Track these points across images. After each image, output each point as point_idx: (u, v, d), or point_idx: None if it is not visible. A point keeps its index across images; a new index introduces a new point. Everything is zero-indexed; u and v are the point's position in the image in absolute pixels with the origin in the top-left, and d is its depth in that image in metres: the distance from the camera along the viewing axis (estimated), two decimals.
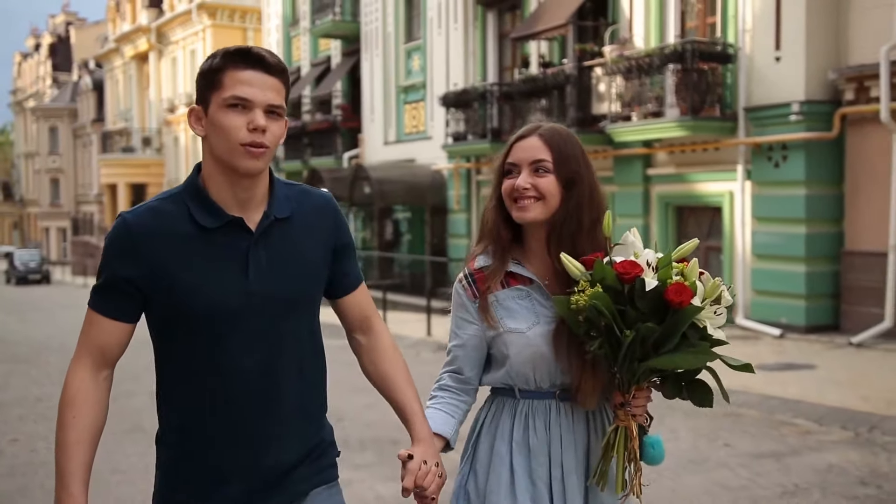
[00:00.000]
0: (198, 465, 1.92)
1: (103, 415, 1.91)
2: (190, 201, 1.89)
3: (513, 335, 2.09)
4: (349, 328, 2.15)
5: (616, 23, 14.54)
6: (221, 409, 1.91)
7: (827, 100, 11.56)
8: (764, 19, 11.91)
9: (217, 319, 1.88)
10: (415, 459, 1.96)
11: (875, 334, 10.79)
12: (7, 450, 6.79)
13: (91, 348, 1.90)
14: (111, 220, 41.38)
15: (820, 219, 11.69)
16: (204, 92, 1.87)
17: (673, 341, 1.92)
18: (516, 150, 2.13)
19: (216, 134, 1.85)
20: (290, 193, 2.00)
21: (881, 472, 5.59)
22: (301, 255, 1.97)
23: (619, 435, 2.03)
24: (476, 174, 18.37)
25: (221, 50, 1.88)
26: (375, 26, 21.64)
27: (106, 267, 1.89)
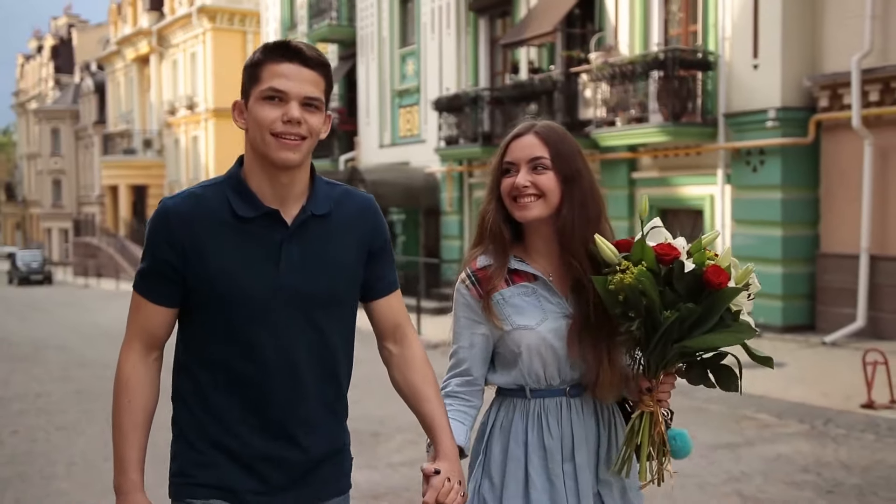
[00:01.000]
0: (219, 450, 1.93)
1: (155, 396, 1.94)
2: (229, 191, 1.93)
3: (522, 332, 2.08)
4: (381, 335, 2.12)
5: (602, 30, 14.91)
6: (243, 393, 1.92)
7: (802, 106, 11.93)
8: (742, 28, 12.28)
9: (245, 307, 1.89)
10: (440, 476, 1.95)
11: (847, 334, 11.15)
12: (8, 440, 7.18)
13: (139, 332, 1.94)
14: (112, 222, 41.87)
15: (796, 222, 12.05)
16: (246, 86, 1.91)
17: (710, 322, 1.92)
18: (513, 149, 2.13)
19: (253, 126, 1.88)
20: (332, 192, 2.01)
21: (825, 461, 5.97)
22: (335, 253, 1.97)
23: (644, 421, 2.02)
24: (468, 177, 18.74)
25: (264, 44, 1.93)
26: (371, 31, 22.02)
27: (147, 251, 1.93)
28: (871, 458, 6.04)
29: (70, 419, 8.01)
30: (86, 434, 7.34)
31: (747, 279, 1.97)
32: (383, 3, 21.55)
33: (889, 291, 11.12)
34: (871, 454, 6.14)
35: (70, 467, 6.26)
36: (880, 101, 11.11)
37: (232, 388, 1.92)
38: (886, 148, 11.12)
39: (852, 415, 7.22)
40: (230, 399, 1.92)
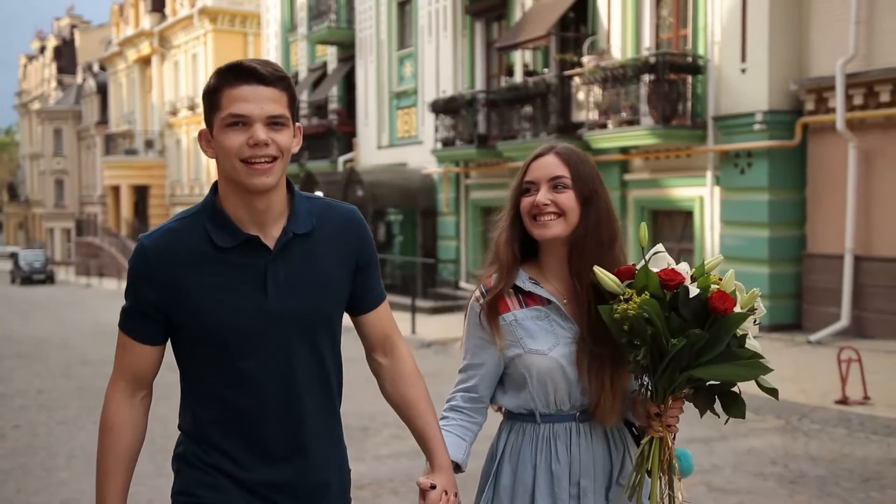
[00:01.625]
0: (226, 476, 1.91)
1: (141, 437, 1.93)
2: (206, 221, 1.88)
3: (534, 356, 2.09)
4: (370, 347, 2.11)
5: (595, 34, 15.14)
6: (247, 429, 1.90)
7: (789, 110, 12.15)
8: (731, 33, 12.50)
9: (236, 340, 1.86)
10: (437, 490, 1.97)
11: (832, 332, 11.37)
12: (10, 434, 7.43)
13: (125, 372, 1.91)
14: (114, 222, 42.13)
15: (782, 223, 12.28)
16: (207, 114, 1.87)
17: (717, 349, 1.91)
18: (533, 169, 2.14)
19: (221, 155, 1.84)
20: (312, 208, 1.96)
21: (793, 454, 6.20)
22: (322, 271, 1.93)
23: (653, 446, 2.02)
24: (465, 178, 18.98)
25: (216, 70, 1.88)
26: (369, 33, 22.27)
27: (129, 290, 1.90)
28: (839, 451, 6.27)
29: (70, 414, 8.27)
30: (85, 429, 7.59)
31: (752, 303, 1.98)
32: (381, 6, 21.81)
33: (873, 291, 11.35)
34: (839, 447, 6.38)
35: (70, 459, 6.52)
36: (864, 105, 11.33)
37: (231, 418, 1.90)
38: (870, 151, 11.34)
39: (826, 410, 7.46)
40: (229, 430, 1.90)
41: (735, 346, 1.93)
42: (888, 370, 9.14)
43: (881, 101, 11.14)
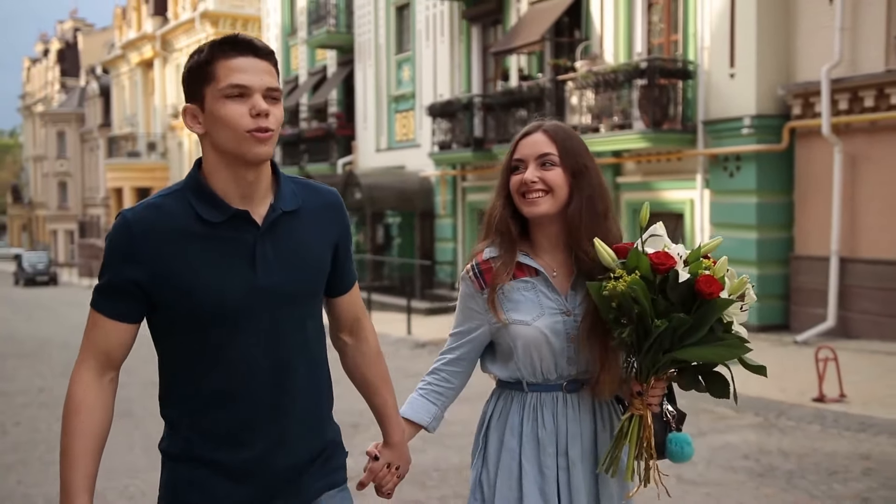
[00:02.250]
0: (208, 467, 1.87)
1: (108, 420, 1.86)
2: (192, 197, 1.85)
3: (518, 326, 2.13)
4: (338, 328, 2.14)
5: (588, 39, 15.38)
6: (232, 407, 1.87)
7: (777, 114, 12.38)
8: (720, 38, 12.73)
9: (226, 316, 1.84)
10: (380, 461, 2.11)
11: (818, 333, 11.59)
12: (12, 430, 7.68)
13: (95, 351, 1.85)
14: None
15: (770, 225, 12.49)
16: (196, 87, 1.83)
17: (700, 333, 1.94)
18: (522, 147, 2.18)
19: (219, 127, 1.80)
20: (296, 188, 1.97)
21: (766, 449, 6.42)
22: (307, 249, 1.94)
23: (633, 424, 2.06)
24: (462, 181, 19.22)
25: (206, 43, 1.85)
26: (368, 38, 22.52)
27: (108, 267, 1.84)
28: (810, 446, 6.49)
29: None
30: None
31: (742, 290, 1.99)
32: (380, 11, 22.06)
33: (857, 292, 11.57)
34: (810, 443, 6.60)
35: None
36: (849, 110, 11.55)
37: (219, 402, 1.87)
38: (855, 155, 11.56)
39: (803, 408, 7.68)
40: (217, 414, 1.87)
41: (720, 332, 1.96)
42: (867, 370, 9.37)
43: (865, 106, 11.36)
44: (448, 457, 6.31)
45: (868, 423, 7.08)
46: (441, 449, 6.59)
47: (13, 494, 5.67)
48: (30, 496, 5.62)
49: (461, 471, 5.89)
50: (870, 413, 7.36)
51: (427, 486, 5.54)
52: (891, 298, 11.19)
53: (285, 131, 25.76)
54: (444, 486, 5.55)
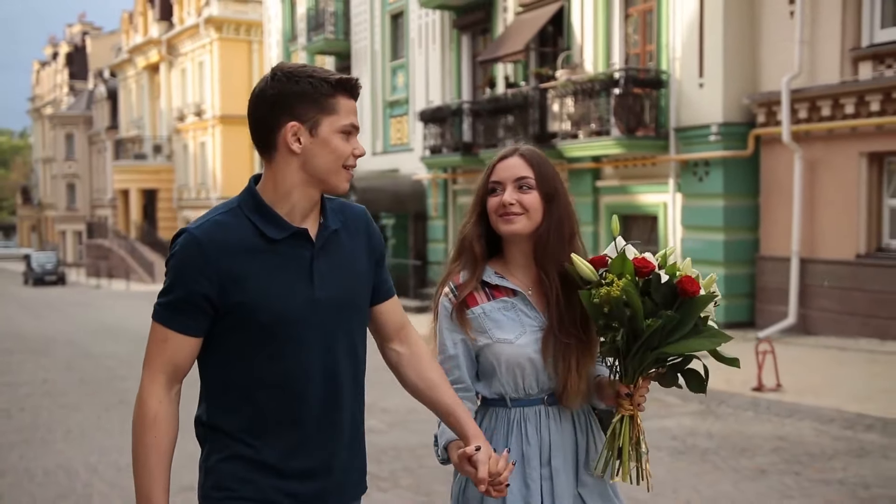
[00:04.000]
0: (257, 465, 1.94)
1: (176, 430, 1.94)
2: (251, 214, 1.95)
3: (502, 345, 2.21)
4: (386, 337, 2.19)
5: (569, 49, 16.04)
6: (284, 415, 1.95)
7: (742, 122, 13.02)
8: (690, 49, 13.37)
9: (284, 327, 1.93)
10: (483, 451, 2.04)
11: (779, 329, 12.23)
12: (16, 415, 8.41)
13: (165, 366, 1.92)
14: (124, 224, 43.20)
15: (737, 227, 13.14)
16: (310, 112, 1.92)
17: (686, 328, 2.06)
18: (499, 170, 2.27)
19: (323, 154, 1.93)
20: (335, 207, 2.08)
21: (697, 432, 7.08)
22: (353, 263, 2.05)
23: (623, 424, 2.15)
24: (452, 184, 19.90)
25: (321, 73, 1.95)
26: (364, 44, 23.23)
27: (179, 283, 1.91)
28: (736, 429, 7.15)
29: (70, 400, 9.23)
30: (83, 411, 8.56)
31: (711, 287, 2.13)
32: (375, 19, 22.77)
33: (816, 291, 12.21)
34: (738, 427, 7.26)
35: (67, 434, 7.49)
36: (808, 118, 12.19)
37: (274, 410, 1.94)
38: (814, 161, 12.20)
39: (742, 397, 8.33)
40: (271, 421, 1.95)
41: (701, 326, 2.10)
42: (814, 363, 10.03)
43: (823, 115, 12.00)
44: (407, 438, 6.98)
45: (796, 409, 7.73)
46: (403, 431, 7.27)
47: (16, 468, 6.38)
48: (30, 469, 6.33)
49: (415, 450, 6.56)
50: (800, 401, 8.01)
51: (381, 461, 6.20)
52: (846, 297, 11.83)
53: None
54: (396, 462, 6.22)
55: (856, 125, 11.58)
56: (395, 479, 5.81)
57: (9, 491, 5.78)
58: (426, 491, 5.56)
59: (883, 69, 11.38)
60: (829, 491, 5.35)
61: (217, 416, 1.98)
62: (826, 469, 5.86)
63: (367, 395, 2.21)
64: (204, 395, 2.02)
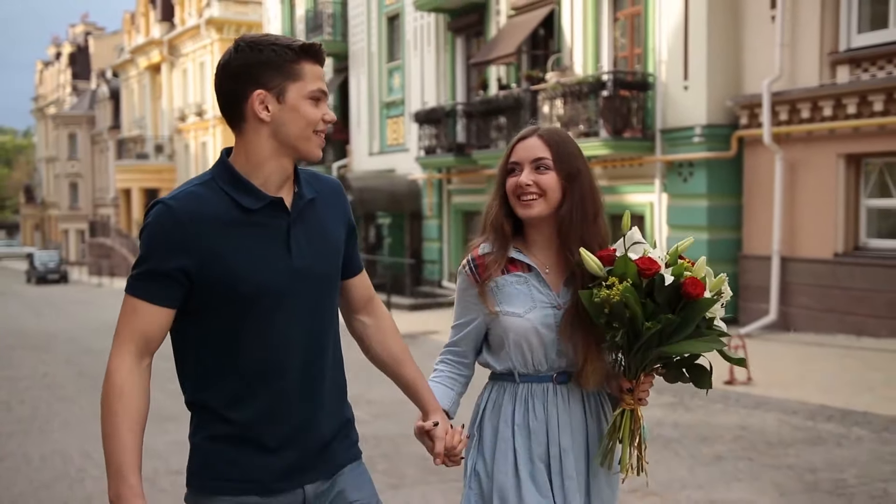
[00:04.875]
0: (245, 443, 1.95)
1: (147, 403, 1.91)
2: (226, 185, 1.94)
3: (510, 318, 2.23)
4: (354, 309, 2.22)
5: (559, 51, 16.36)
6: (268, 384, 1.95)
7: (726, 124, 13.33)
8: (675, 52, 13.68)
9: (265, 298, 1.92)
10: (441, 426, 2.11)
11: (761, 326, 12.54)
12: (16, 407, 8.76)
13: (135, 336, 1.89)
14: (126, 223, 43.58)
15: (720, 226, 13.45)
16: (276, 80, 1.91)
17: (686, 330, 2.07)
18: (518, 150, 2.28)
19: (293, 120, 1.93)
20: (307, 177, 2.07)
21: (664, 422, 7.40)
22: (328, 233, 2.06)
23: (624, 418, 2.18)
24: (447, 184, 20.23)
25: (284, 40, 1.95)
26: (361, 46, 23.56)
27: (152, 254, 1.88)
28: (703, 420, 7.47)
29: (68, 393, 9.58)
30: (80, 403, 8.91)
31: (720, 287, 2.16)
32: (372, 21, 23.10)
33: (796, 289, 12.52)
34: (705, 418, 7.57)
35: (64, 424, 7.83)
36: (789, 120, 12.49)
37: (258, 379, 1.94)
38: (794, 162, 12.51)
39: (714, 390, 8.64)
40: (256, 390, 1.94)
41: (704, 328, 2.12)
42: (789, 358, 10.34)
43: (802, 118, 12.30)
44: (388, 427, 7.31)
45: (763, 402, 8.05)
46: (386, 422, 7.59)
47: (14, 454, 6.73)
48: (27, 455, 6.68)
49: (394, 438, 6.89)
50: (768, 394, 8.33)
51: (362, 449, 6.51)
52: (825, 294, 12.14)
53: None
54: (376, 449, 6.54)
55: (834, 127, 11.89)
56: (371, 464, 6.11)
57: (7, 474, 6.12)
58: (399, 475, 5.89)
59: (860, 73, 11.69)
60: (777, 475, 5.67)
61: (200, 391, 1.97)
62: (779, 455, 6.18)
63: (352, 387, 2.22)
64: (184, 373, 2.00)
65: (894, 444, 6.46)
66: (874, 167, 11.97)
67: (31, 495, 5.57)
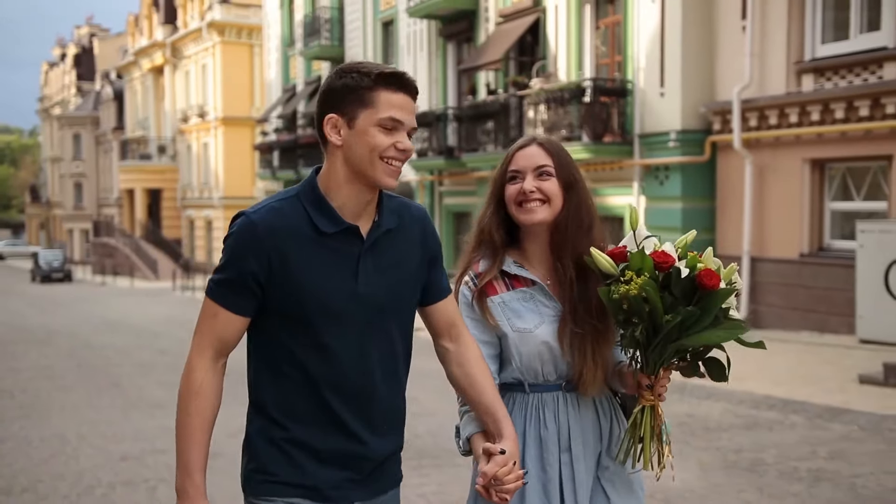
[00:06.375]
0: (297, 448, 2.01)
1: (219, 402, 2.01)
2: (308, 205, 1.99)
3: (521, 335, 2.24)
4: (437, 334, 2.23)
5: (544, 58, 16.93)
6: (324, 397, 2.01)
7: (699, 129, 13.90)
8: (652, 60, 14.25)
9: (326, 316, 1.98)
10: (506, 455, 2.05)
11: None
12: (19, 396, 9.35)
13: (213, 339, 1.99)
14: (129, 223, 44.21)
15: (694, 228, 13.94)
16: (350, 105, 1.96)
17: (706, 321, 2.06)
18: (518, 159, 2.28)
19: (362, 146, 1.96)
20: (393, 206, 2.10)
21: None
22: (403, 263, 2.08)
23: (645, 414, 2.17)
24: (438, 186, 20.81)
25: (368, 67, 1.98)
26: (357, 51, 24.14)
27: (232, 263, 1.97)
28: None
29: (68, 383, 10.18)
30: (78, 392, 9.51)
31: (731, 276, 2.13)
32: (368, 27, 23.70)
33: (765, 288, 13.08)
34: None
35: (62, 410, 8.43)
36: (758, 127, 13.05)
37: (313, 391, 2.01)
38: (763, 166, 13.07)
39: (672, 383, 9.19)
40: (311, 401, 2.01)
41: (721, 318, 2.11)
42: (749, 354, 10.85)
43: (770, 124, 12.86)
44: None
45: (714, 392, 8.60)
46: None
47: (16, 436, 7.32)
48: (28, 437, 7.27)
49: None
50: (720, 386, 8.87)
51: None
52: (790, 293, 12.70)
53: (283, 137, 27.44)
54: None
55: (799, 133, 12.45)
56: None
57: (10, 453, 6.71)
58: None
59: (823, 81, 12.24)
60: (704, 455, 6.22)
61: (260, 393, 2.06)
62: (713, 439, 6.74)
63: None
64: (250, 372, 2.08)
65: (822, 429, 7.02)
66: (837, 171, 12.53)
67: (30, 470, 6.15)
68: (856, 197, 12.31)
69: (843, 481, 5.52)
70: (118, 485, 5.74)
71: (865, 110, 11.51)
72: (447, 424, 6.78)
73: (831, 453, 6.24)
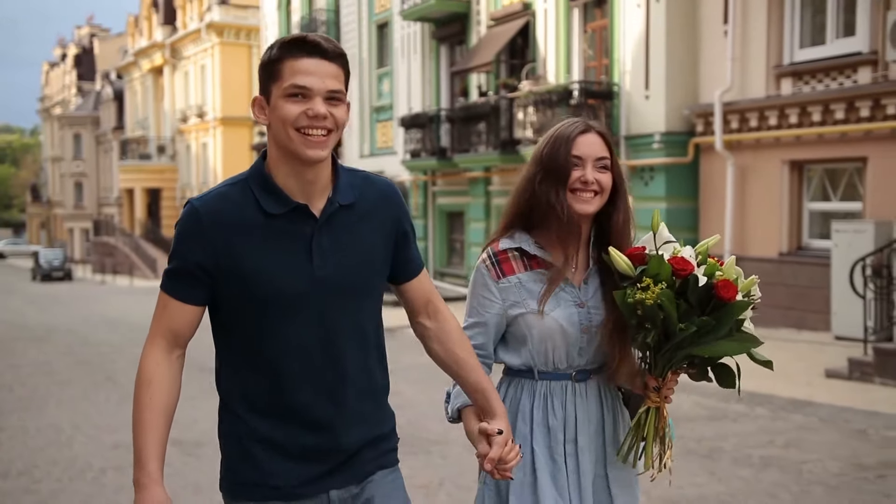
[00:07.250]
0: (263, 445, 1.96)
1: (176, 394, 1.94)
2: (255, 188, 1.92)
3: (535, 316, 2.20)
4: (414, 312, 2.15)
5: (534, 61, 17.26)
6: (286, 388, 1.94)
7: (683, 131, 14.22)
8: (637, 63, 14.57)
9: (282, 303, 1.90)
10: (504, 435, 2.01)
11: None
12: (18, 390, 9.70)
13: (164, 330, 1.94)
14: (129, 222, 44.57)
15: (678, 228, 14.28)
16: (265, 83, 1.90)
17: (719, 333, 2.05)
18: (581, 145, 2.20)
19: (277, 122, 1.87)
20: (354, 180, 2.01)
21: None
22: (363, 241, 1.98)
23: (650, 415, 2.17)
24: (432, 185, 21.14)
25: (279, 40, 1.90)
26: (353, 52, 24.46)
27: (177, 252, 1.92)
28: None
29: (65, 378, 10.52)
30: (75, 386, 9.85)
31: (751, 288, 2.12)
32: (363, 28, 24.04)
33: None
34: None
35: (59, 404, 8.77)
36: (739, 129, 13.38)
37: (275, 383, 1.94)
38: (744, 167, 13.39)
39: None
40: (274, 395, 1.95)
41: (735, 330, 2.09)
42: None
43: (751, 126, 13.19)
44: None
45: (687, 386, 8.90)
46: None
47: (14, 426, 7.67)
48: (25, 427, 7.62)
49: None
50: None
51: None
52: (770, 291, 12.91)
53: None
54: None
55: (779, 136, 12.77)
56: None
57: (7, 442, 7.06)
58: None
59: (801, 85, 12.57)
60: None
61: (224, 388, 2.02)
62: (677, 428, 7.06)
63: None
64: (216, 368, 2.05)
65: (784, 420, 7.35)
66: (815, 173, 12.86)
67: (26, 457, 6.49)
68: (833, 197, 12.63)
69: (791, 467, 5.85)
70: (109, 469, 6.08)
71: (841, 113, 11.84)
72: (423, 415, 7.13)
73: (787, 442, 6.56)
